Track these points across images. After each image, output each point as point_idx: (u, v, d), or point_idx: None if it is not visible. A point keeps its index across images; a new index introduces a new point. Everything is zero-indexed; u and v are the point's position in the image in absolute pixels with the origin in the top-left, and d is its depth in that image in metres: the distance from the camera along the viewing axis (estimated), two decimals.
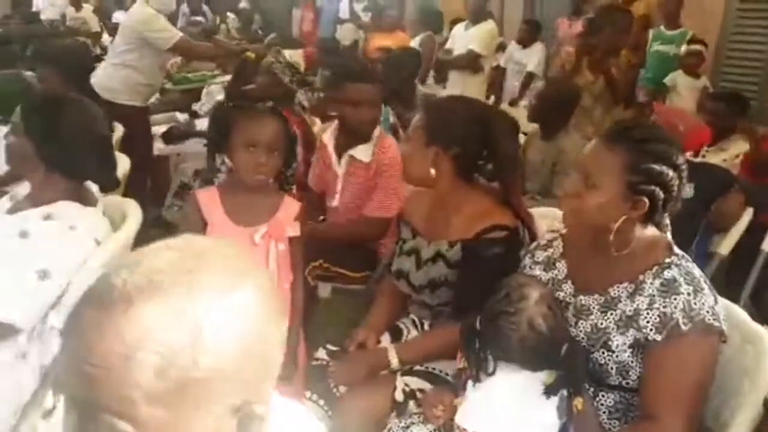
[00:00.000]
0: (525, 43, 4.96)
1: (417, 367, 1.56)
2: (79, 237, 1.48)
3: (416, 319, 1.74)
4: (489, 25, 4.46)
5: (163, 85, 4.28)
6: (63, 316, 1.45)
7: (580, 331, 1.24)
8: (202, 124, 4.19)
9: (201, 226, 1.57)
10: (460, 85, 4.38)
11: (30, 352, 1.45)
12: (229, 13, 8.86)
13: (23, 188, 1.65)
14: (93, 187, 1.64)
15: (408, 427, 1.35)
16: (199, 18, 8.33)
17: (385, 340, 1.69)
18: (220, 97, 4.10)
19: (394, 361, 1.55)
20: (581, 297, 1.28)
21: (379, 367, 1.56)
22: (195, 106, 4.61)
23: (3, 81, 2.62)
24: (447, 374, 1.54)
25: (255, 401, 0.57)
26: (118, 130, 2.73)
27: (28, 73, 2.82)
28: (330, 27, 8.44)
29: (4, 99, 2.60)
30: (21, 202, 1.57)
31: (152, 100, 3.90)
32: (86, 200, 1.58)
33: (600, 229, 1.22)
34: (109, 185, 1.63)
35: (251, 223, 1.59)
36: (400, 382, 1.53)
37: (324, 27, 8.52)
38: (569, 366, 1.13)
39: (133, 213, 1.66)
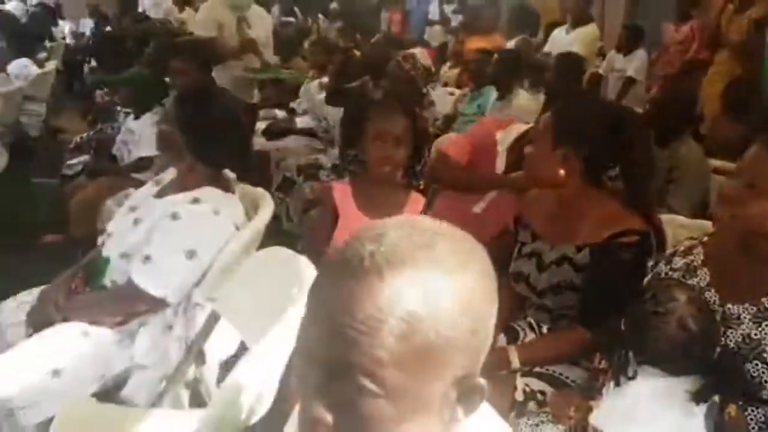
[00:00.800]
0: (626, 49, 4.81)
1: (537, 369, 1.56)
2: (222, 221, 1.58)
3: (533, 322, 1.73)
4: (591, 28, 4.36)
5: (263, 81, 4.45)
6: (204, 293, 1.55)
7: (730, 341, 1.20)
8: (301, 121, 4.34)
9: (333, 217, 1.64)
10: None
11: (175, 325, 1.56)
12: (319, 15, 9.09)
13: (167, 174, 1.78)
14: (230, 175, 1.75)
15: (537, 425, 1.35)
16: (290, 19, 8.62)
17: (501, 341, 1.69)
18: (320, 96, 4.22)
19: (515, 362, 1.55)
20: (729, 306, 1.24)
21: (499, 366, 1.56)
22: (293, 104, 4.76)
23: (135, 77, 2.82)
24: (567, 378, 1.53)
25: (475, 374, 0.60)
26: None
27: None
28: (419, 29, 8.51)
29: (138, 93, 2.82)
30: (167, 188, 1.70)
31: None
32: (226, 187, 1.68)
33: (757, 236, 1.18)
34: (245, 174, 1.73)
35: (381, 217, 1.63)
36: (521, 382, 1.53)
37: (413, 29, 8.60)
38: (723, 370, 1.10)
39: (266, 202, 1.75)
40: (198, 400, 1.61)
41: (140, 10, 8.43)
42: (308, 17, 8.90)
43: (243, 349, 1.66)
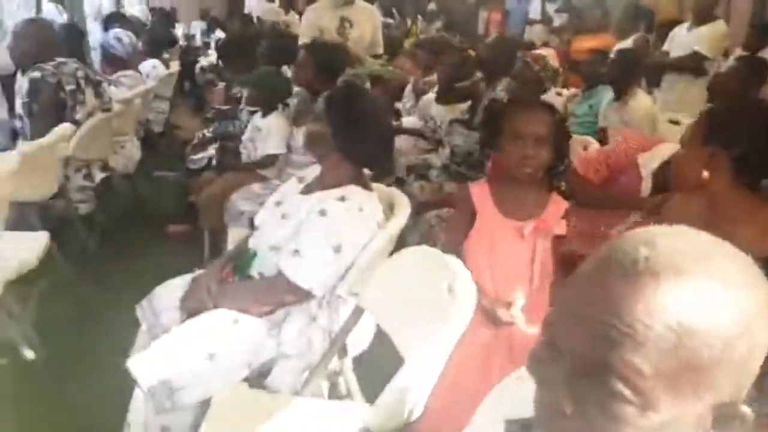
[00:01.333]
0: (754, 48, 4.48)
1: None
2: (366, 218, 1.61)
3: None
4: (718, 25, 4.09)
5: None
6: (347, 287, 1.59)
7: None
8: (407, 121, 4.36)
9: (471, 217, 1.63)
10: (678, 90, 4.08)
11: (319, 317, 1.61)
12: (418, 16, 9.13)
13: (310, 171, 1.84)
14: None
15: None
16: (389, 20, 8.70)
17: None
18: (425, 96, 4.22)
19: None
20: None
21: None
22: (398, 104, 4.80)
23: (265, 78, 2.94)
24: None
25: (739, 401, 0.57)
26: None
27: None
28: (518, 28, 8.36)
29: (265, 93, 2.93)
30: (312, 185, 1.75)
31: None
32: (366, 185, 1.71)
33: None
34: (386, 174, 1.75)
35: (520, 217, 1.61)
36: None
37: (512, 28, 8.46)
38: None
39: (403, 201, 1.77)
40: (335, 392, 1.66)
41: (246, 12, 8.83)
42: (406, 18, 8.97)
43: (376, 344, 1.70)
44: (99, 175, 2.98)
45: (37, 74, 2.55)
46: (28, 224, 2.43)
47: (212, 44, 8.39)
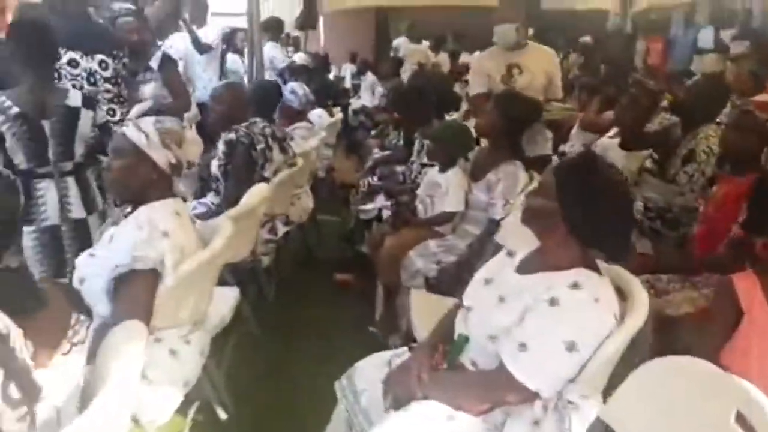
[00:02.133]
0: None
1: None
2: (602, 311, 1.41)
3: None
4: None
5: None
6: (580, 390, 1.39)
7: None
8: None
9: (736, 317, 1.36)
10: None
11: (544, 422, 1.42)
12: (570, 50, 8.76)
13: (519, 243, 1.67)
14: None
15: None
16: None
17: None
18: (600, 141, 3.92)
19: None
20: None
21: None
22: (563, 147, 4.53)
23: (451, 131, 2.85)
24: None
25: None
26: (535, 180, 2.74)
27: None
28: (684, 58, 7.69)
29: (446, 147, 2.84)
30: (529, 262, 1.58)
31: None
32: (595, 267, 1.51)
33: None
34: (621, 257, 1.54)
35: None
36: None
37: (676, 59, 7.80)
38: None
39: (637, 289, 1.53)
40: None
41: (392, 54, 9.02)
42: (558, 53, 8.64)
43: None
44: (282, 229, 3.06)
45: (232, 136, 2.68)
46: (222, 280, 2.50)
47: (362, 86, 8.68)
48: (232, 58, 6.13)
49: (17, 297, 1.07)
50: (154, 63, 3.44)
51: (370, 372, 1.72)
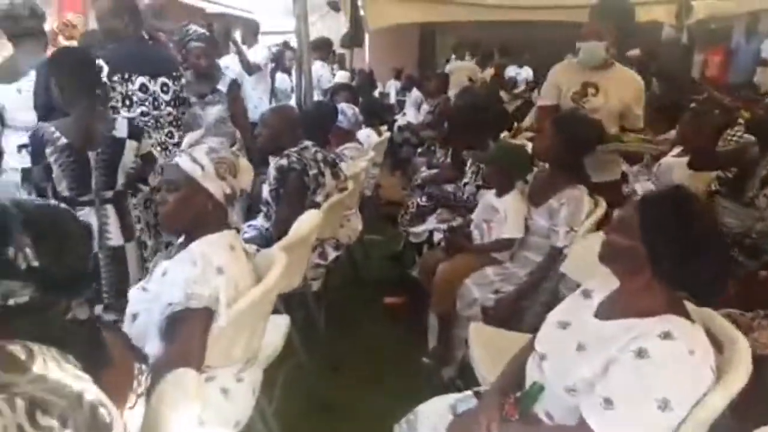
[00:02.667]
0: None
1: None
2: (698, 363, 1.25)
3: None
4: None
5: None
6: None
7: None
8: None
9: None
10: None
11: None
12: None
13: (597, 282, 1.53)
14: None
15: None
16: None
17: None
18: (664, 159, 3.69)
19: None
20: None
21: None
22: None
23: (508, 154, 2.73)
24: None
25: None
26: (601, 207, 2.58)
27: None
28: (746, 70, 7.34)
29: (503, 170, 2.71)
30: (609, 305, 1.44)
31: None
32: (685, 314, 1.36)
33: None
34: (716, 301, 1.38)
35: None
36: None
37: (738, 71, 7.45)
38: None
39: (733, 337, 1.37)
40: None
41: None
42: None
43: None
44: (332, 254, 2.98)
45: (284, 162, 2.62)
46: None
47: (407, 103, 8.61)
48: (280, 78, 6.17)
49: (87, 353, 1.00)
50: (222, 86, 3.46)
51: (432, 418, 1.60)
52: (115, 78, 2.77)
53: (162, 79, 2.91)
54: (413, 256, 3.47)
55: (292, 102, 6.05)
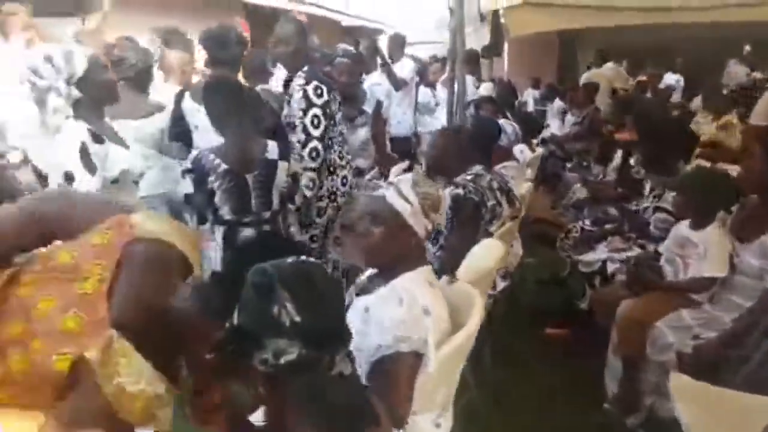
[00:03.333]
0: None
1: None
2: None
3: None
4: None
5: None
6: None
7: None
8: None
9: None
10: None
11: None
12: None
13: None
14: None
15: None
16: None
17: None
18: None
19: None
20: None
21: None
22: None
23: (704, 181, 2.44)
24: None
25: None
26: None
27: None
28: None
29: (709, 201, 2.43)
30: None
31: None
32: None
33: None
34: None
35: None
36: None
37: None
38: None
39: None
40: None
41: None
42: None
43: None
44: (501, 283, 2.84)
45: (459, 192, 2.52)
46: None
47: (549, 113, 8.23)
48: (423, 91, 6.13)
49: (355, 410, 0.97)
50: (368, 107, 3.46)
51: None
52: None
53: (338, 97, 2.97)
54: (580, 285, 3.23)
55: (438, 115, 6.01)
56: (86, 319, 1.16)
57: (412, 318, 1.48)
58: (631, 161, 4.04)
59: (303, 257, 1.13)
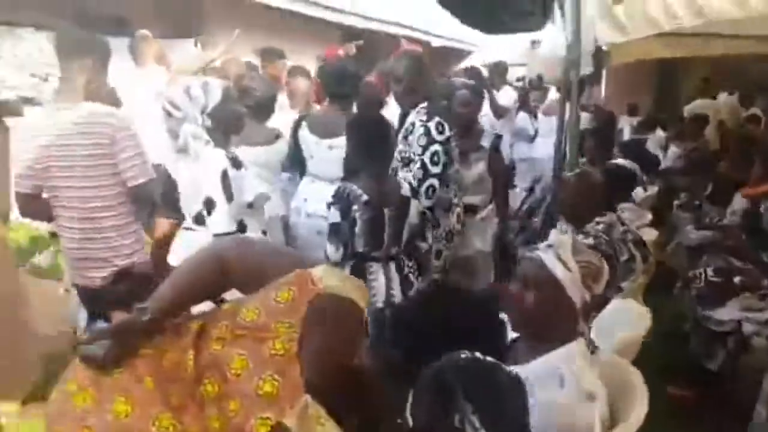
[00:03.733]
0: None
1: None
2: None
3: None
4: None
5: None
6: None
7: None
8: None
9: None
10: None
11: None
12: None
13: None
14: None
15: None
16: None
17: None
18: None
19: None
20: None
21: None
22: None
23: None
24: None
25: None
26: None
27: None
28: None
29: None
30: None
31: None
32: None
33: None
34: None
35: None
36: None
37: None
38: None
39: None
40: None
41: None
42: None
43: None
44: None
45: (590, 242, 2.36)
46: None
47: (649, 144, 7.80)
48: (521, 117, 5.96)
49: None
50: (485, 142, 3.36)
51: None
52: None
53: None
54: (707, 342, 2.96)
55: (535, 145, 5.82)
56: (282, 381, 1.11)
57: (578, 405, 1.34)
58: (761, 208, 3.71)
59: (478, 354, 1.05)
